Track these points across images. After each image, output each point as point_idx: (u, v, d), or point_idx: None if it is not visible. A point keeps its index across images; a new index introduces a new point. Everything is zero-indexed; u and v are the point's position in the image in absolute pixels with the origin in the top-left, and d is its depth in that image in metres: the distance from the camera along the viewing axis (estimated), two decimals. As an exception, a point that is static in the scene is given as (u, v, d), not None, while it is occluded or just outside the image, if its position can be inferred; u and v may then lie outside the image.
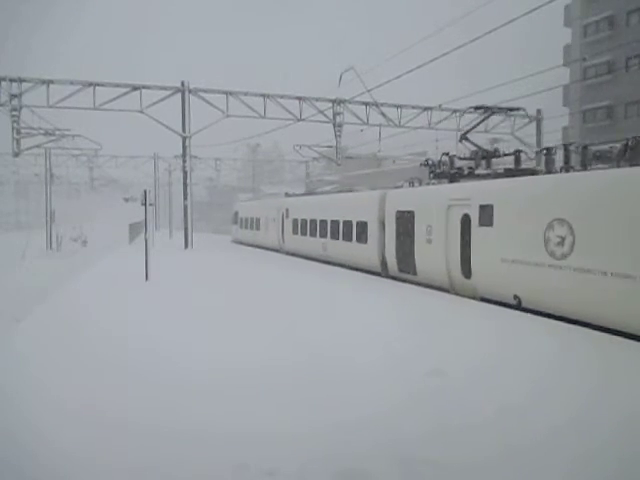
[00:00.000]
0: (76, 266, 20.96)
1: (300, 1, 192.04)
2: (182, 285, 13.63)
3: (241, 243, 33.99)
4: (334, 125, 26.49)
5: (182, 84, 24.68)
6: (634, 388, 5.81)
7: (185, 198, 26.12)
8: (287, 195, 28.03)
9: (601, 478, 4.05)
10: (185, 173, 26.13)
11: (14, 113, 22.62)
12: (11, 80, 22.20)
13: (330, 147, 29.50)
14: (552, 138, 35.93)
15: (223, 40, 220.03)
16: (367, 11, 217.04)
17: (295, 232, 23.23)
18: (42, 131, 25.55)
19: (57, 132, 26.61)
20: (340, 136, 26.90)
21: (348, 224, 17.87)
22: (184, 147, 25.47)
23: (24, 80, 22.39)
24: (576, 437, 4.60)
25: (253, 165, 67.18)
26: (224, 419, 5.07)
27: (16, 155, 24.54)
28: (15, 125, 23.07)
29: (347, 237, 17.92)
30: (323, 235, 20.02)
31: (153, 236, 24.78)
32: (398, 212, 14.74)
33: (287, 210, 24.34)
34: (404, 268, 14.56)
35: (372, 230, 16.24)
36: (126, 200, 18.60)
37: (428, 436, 4.63)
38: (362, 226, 16.87)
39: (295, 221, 23.27)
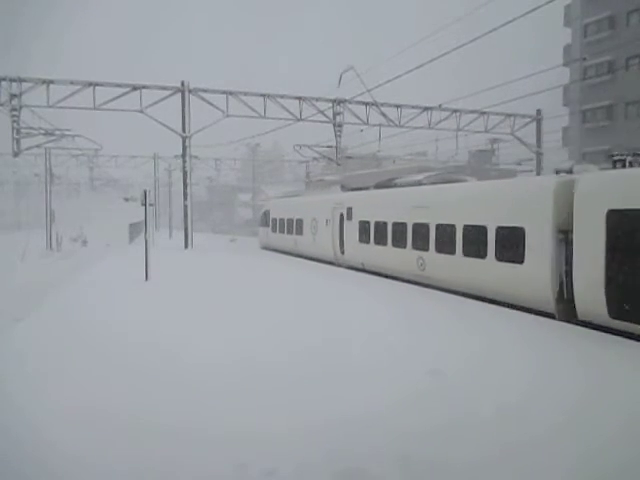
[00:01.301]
0: (76, 266, 20.97)
1: (301, 1, 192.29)
2: (182, 285, 13.62)
3: (273, 249, 27.26)
4: (334, 125, 26.46)
5: (182, 84, 24.66)
6: (632, 387, 5.81)
7: (185, 198, 26.08)
8: (344, 188, 22.00)
9: (600, 477, 4.05)
10: (185, 173, 26.10)
11: (14, 113, 22.60)
12: (11, 80, 22.18)
13: (330, 147, 29.47)
14: (552, 138, 36.10)
15: (223, 40, 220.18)
16: (368, 11, 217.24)
17: (364, 240, 17.18)
18: (42, 131, 25.54)
19: (57, 132, 26.62)
20: (340, 136, 26.87)
21: (476, 231, 11.89)
22: (184, 147, 25.44)
23: (24, 80, 22.36)
24: (575, 436, 4.61)
25: (253, 165, 67.18)
26: (224, 418, 5.08)
27: (16, 155, 24.50)
28: (15, 125, 23.05)
29: (473, 251, 11.99)
30: (420, 246, 13.93)
31: (153, 236, 24.78)
32: (615, 213, 8.56)
33: (350, 209, 18.38)
34: (631, 314, 8.29)
35: (536, 242, 10.38)
36: (126, 200, 18.56)
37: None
38: (511, 235, 11.00)
39: (364, 224, 17.23)
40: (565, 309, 9.71)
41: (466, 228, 12.29)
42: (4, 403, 5.51)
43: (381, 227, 16.11)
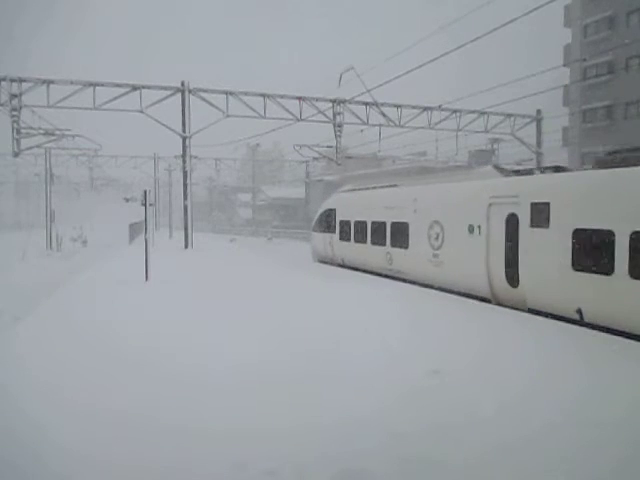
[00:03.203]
0: (76, 266, 20.99)
1: (301, 1, 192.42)
2: (182, 285, 13.62)
3: (341, 265, 18.97)
4: (334, 125, 26.48)
5: (182, 84, 24.67)
6: (629, 385, 5.82)
7: (185, 198, 26.11)
8: (504, 172, 12.77)
9: (598, 475, 4.06)
10: (185, 173, 26.12)
11: (14, 113, 22.62)
12: (11, 80, 22.19)
13: (330, 147, 29.49)
14: (552, 138, 36.12)
15: (223, 40, 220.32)
16: (368, 11, 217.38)
17: (593, 266, 9.15)
18: (42, 131, 25.55)
19: (57, 132, 26.62)
20: (340, 136, 26.89)
21: None
22: (184, 147, 25.46)
23: (24, 80, 22.38)
24: (572, 434, 4.62)
25: (253, 165, 67.18)
26: (223, 416, 5.09)
27: (16, 155, 24.52)
28: (15, 125, 23.07)
29: None
30: None
31: (153, 236, 24.79)
32: None
33: (542, 208, 10.38)
34: None
35: None
36: (126, 200, 18.56)
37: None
38: None
39: (592, 237, 9.27)
40: None
41: None
42: (5, 402, 5.52)
43: None
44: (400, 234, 15.12)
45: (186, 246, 25.73)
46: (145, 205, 14.78)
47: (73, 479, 4.07)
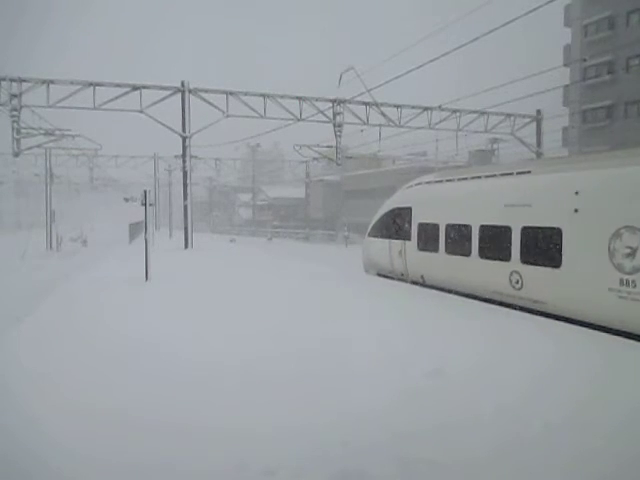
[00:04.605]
0: (76, 266, 20.99)
1: (302, 1, 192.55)
2: (182, 284, 13.62)
3: (416, 282, 14.01)
4: (334, 125, 26.48)
5: (182, 84, 24.66)
6: (633, 387, 5.82)
7: (185, 198, 26.11)
8: None
9: (599, 477, 4.06)
10: (185, 173, 26.11)
11: (14, 113, 22.61)
12: (11, 80, 22.19)
13: (330, 147, 29.50)
14: (552, 138, 36.13)
15: (224, 40, 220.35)
16: (368, 11, 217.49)
17: None
18: (42, 131, 25.56)
19: (57, 132, 26.63)
20: (340, 136, 26.89)
21: None
22: (184, 147, 25.45)
23: (24, 80, 22.37)
24: (573, 436, 4.62)
25: (253, 165, 67.22)
26: (223, 416, 5.09)
27: (16, 155, 24.53)
28: (15, 125, 23.07)
29: None
30: None
31: (153, 236, 24.79)
32: None
33: None
34: None
35: None
36: (126, 200, 18.56)
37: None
38: None
39: None
40: None
41: None
42: (5, 402, 5.52)
43: None
44: (542, 245, 10.11)
45: (186, 246, 25.73)
46: (145, 205, 14.77)
47: (73, 479, 4.07)
